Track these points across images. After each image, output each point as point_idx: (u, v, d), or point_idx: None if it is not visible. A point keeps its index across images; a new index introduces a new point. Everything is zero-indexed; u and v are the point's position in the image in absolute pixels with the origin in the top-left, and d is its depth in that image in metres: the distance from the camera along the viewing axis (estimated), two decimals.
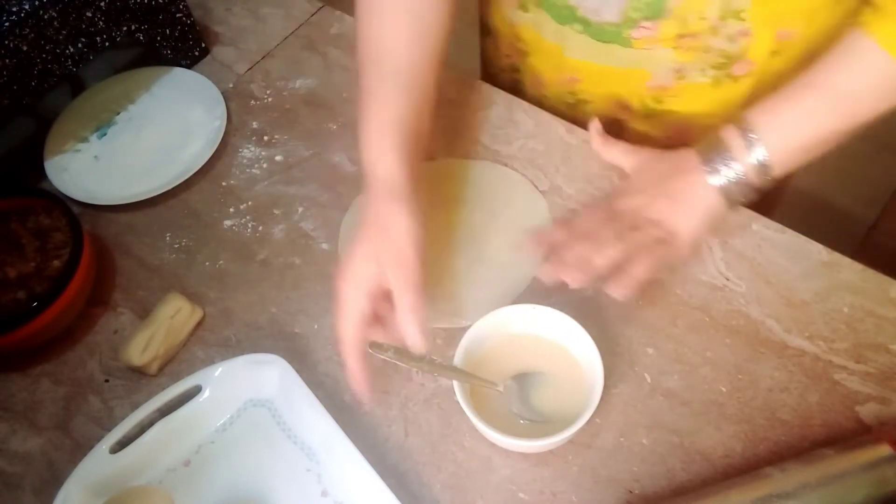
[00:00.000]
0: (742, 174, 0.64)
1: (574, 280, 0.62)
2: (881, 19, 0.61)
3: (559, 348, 0.65)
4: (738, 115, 0.65)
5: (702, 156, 0.66)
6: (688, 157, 0.67)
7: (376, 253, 0.59)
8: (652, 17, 0.71)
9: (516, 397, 0.63)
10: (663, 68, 0.76)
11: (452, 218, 0.77)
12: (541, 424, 0.61)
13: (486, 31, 0.92)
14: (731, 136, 0.65)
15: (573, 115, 0.86)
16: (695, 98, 0.78)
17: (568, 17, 0.76)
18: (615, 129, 0.84)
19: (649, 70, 0.77)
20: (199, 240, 0.79)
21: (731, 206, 0.66)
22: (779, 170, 0.64)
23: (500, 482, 0.62)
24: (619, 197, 0.69)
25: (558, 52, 0.80)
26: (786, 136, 0.64)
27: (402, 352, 0.60)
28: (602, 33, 0.75)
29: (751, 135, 0.63)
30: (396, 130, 0.64)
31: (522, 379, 0.64)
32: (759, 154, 0.63)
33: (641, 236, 0.64)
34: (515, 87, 0.92)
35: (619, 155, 0.74)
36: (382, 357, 0.60)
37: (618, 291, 0.62)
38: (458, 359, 0.62)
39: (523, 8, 0.80)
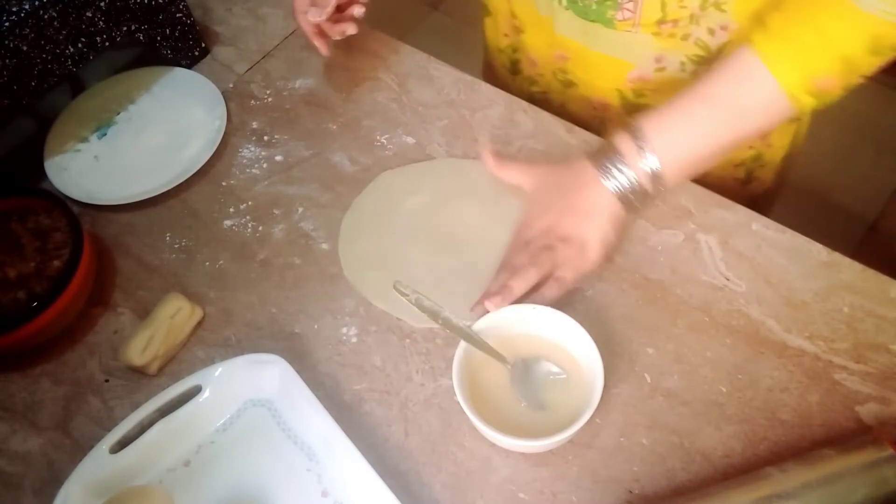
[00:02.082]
0: (636, 182, 0.65)
1: (494, 305, 0.65)
2: (769, 41, 0.61)
3: (559, 348, 0.65)
4: (629, 121, 0.66)
5: (596, 164, 0.67)
6: (583, 167, 0.68)
7: None
8: None
9: (521, 378, 0.63)
10: (644, 56, 0.78)
11: (452, 218, 0.77)
12: (540, 422, 0.61)
13: (485, 12, 0.95)
14: (623, 143, 0.66)
15: (564, 98, 0.88)
16: (673, 93, 0.79)
17: None
18: (595, 125, 0.86)
19: (631, 59, 0.78)
20: (199, 240, 0.79)
21: (632, 210, 0.68)
22: (669, 180, 0.65)
23: (500, 482, 0.62)
24: (527, 222, 0.70)
25: (549, 26, 0.82)
26: (675, 146, 0.65)
27: (421, 300, 0.65)
28: (586, 11, 0.77)
29: (641, 142, 0.64)
30: None
31: (530, 363, 0.64)
32: (650, 163, 0.64)
33: (553, 255, 0.67)
34: (515, 68, 0.94)
35: (516, 174, 0.74)
36: (404, 299, 0.65)
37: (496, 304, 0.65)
38: (457, 359, 0.62)
39: None
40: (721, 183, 0.80)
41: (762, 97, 0.63)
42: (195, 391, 0.64)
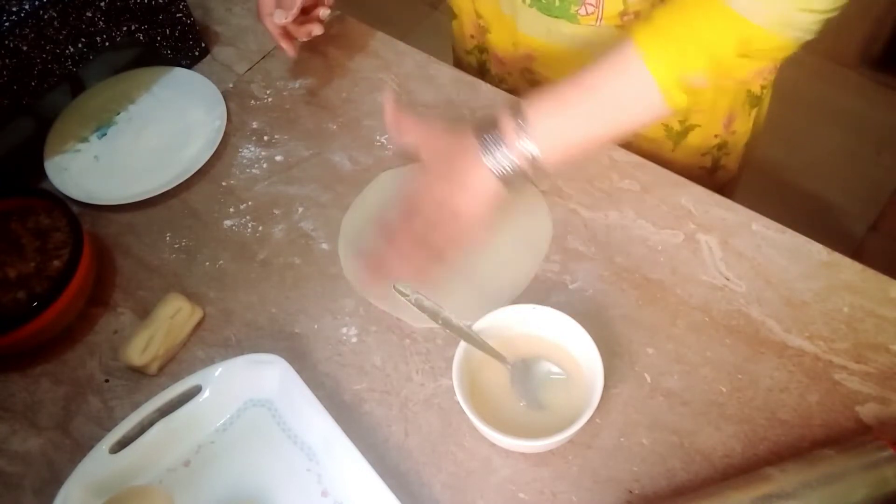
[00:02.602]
0: (516, 164, 0.64)
1: (382, 284, 0.67)
2: (648, 35, 0.60)
3: (559, 348, 0.65)
4: (517, 101, 0.65)
5: (479, 139, 0.65)
6: (467, 138, 0.65)
7: None
8: None
9: (521, 378, 0.63)
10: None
11: None
12: (540, 422, 0.61)
13: (452, 15, 0.96)
14: (505, 122, 0.64)
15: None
16: None
17: None
18: None
19: (594, 53, 0.78)
20: (199, 240, 0.79)
21: (511, 189, 0.66)
22: (548, 166, 0.64)
23: (500, 482, 0.62)
24: (419, 187, 0.68)
25: (513, 25, 0.83)
26: (554, 134, 0.63)
27: (421, 300, 0.64)
28: (550, 8, 0.77)
29: (522, 129, 0.63)
30: None
31: (530, 363, 0.64)
32: (528, 146, 0.63)
33: (434, 237, 0.65)
34: (482, 69, 0.96)
35: (410, 132, 0.70)
36: (404, 300, 0.64)
37: (409, 279, 0.66)
38: (457, 359, 0.62)
39: None
40: (689, 173, 0.80)
41: (638, 91, 0.62)
42: (195, 391, 0.64)
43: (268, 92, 0.90)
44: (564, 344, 0.65)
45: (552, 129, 0.63)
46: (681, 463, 0.62)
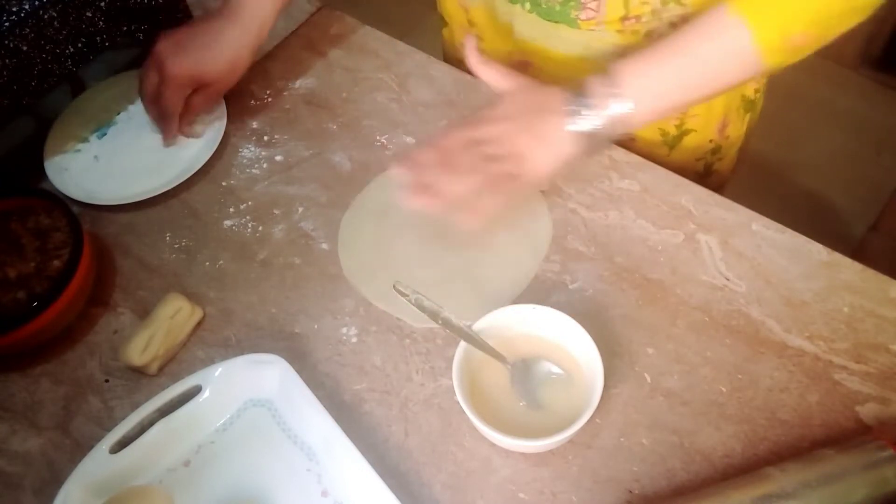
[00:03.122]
0: (600, 126, 0.64)
1: (426, 205, 0.64)
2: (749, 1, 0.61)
3: (559, 348, 0.65)
4: (605, 66, 0.65)
5: (566, 99, 0.65)
6: (554, 97, 0.66)
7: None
8: None
9: (521, 378, 0.63)
10: (608, 53, 0.78)
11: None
12: (540, 422, 0.61)
13: (443, 22, 0.96)
14: (594, 85, 0.64)
15: None
16: None
17: None
18: None
19: (595, 58, 0.79)
20: (199, 240, 0.79)
21: (588, 153, 0.66)
22: (637, 123, 0.65)
23: (500, 482, 0.62)
24: (484, 119, 0.68)
25: (508, 31, 0.82)
26: (647, 92, 0.64)
27: (421, 300, 0.64)
28: (551, 13, 0.77)
29: (615, 90, 0.63)
30: None
31: (530, 363, 0.64)
32: (621, 106, 0.63)
33: (495, 168, 0.65)
34: (475, 76, 0.93)
35: (495, 76, 0.71)
36: (404, 299, 0.64)
37: (465, 222, 0.65)
38: (457, 359, 0.62)
39: None
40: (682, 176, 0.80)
41: (735, 50, 0.62)
42: (195, 391, 0.64)
43: (268, 92, 0.90)
44: (564, 344, 0.65)
45: (644, 87, 0.64)
46: (681, 463, 0.62)
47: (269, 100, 0.90)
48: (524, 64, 0.85)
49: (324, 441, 0.62)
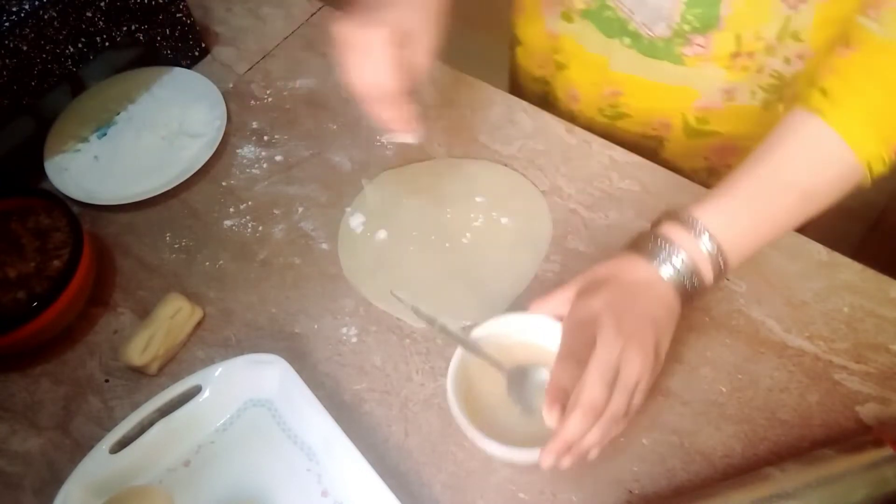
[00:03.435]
0: (691, 264, 0.56)
1: (566, 464, 0.54)
2: (838, 109, 0.55)
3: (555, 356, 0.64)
4: (670, 212, 0.58)
5: (644, 254, 0.57)
6: (633, 263, 0.57)
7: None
8: (703, 31, 0.69)
9: (518, 386, 0.63)
10: (713, 88, 0.74)
11: (452, 217, 0.77)
12: (535, 427, 0.59)
13: (516, 41, 0.91)
14: (667, 225, 0.57)
15: (610, 128, 0.84)
16: (742, 120, 0.77)
17: (617, 30, 0.74)
18: (653, 146, 0.83)
19: (698, 89, 0.75)
20: (199, 240, 0.79)
21: (687, 300, 0.58)
22: (731, 260, 0.57)
23: (500, 482, 0.62)
24: (599, 346, 0.54)
25: (603, 65, 0.78)
26: (732, 227, 0.57)
27: (418, 307, 0.64)
28: (653, 49, 0.73)
29: (690, 220, 0.56)
30: None
31: (527, 370, 0.64)
32: (705, 242, 0.56)
33: (639, 400, 0.55)
34: (545, 100, 0.90)
35: (558, 304, 0.62)
36: (401, 305, 0.64)
37: (566, 463, 0.54)
38: (452, 367, 0.61)
39: (567, 19, 0.79)
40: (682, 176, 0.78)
41: (836, 171, 0.56)
42: (195, 391, 0.64)
43: (268, 92, 0.90)
44: None
45: (729, 223, 0.56)
46: (681, 463, 0.62)
47: (269, 100, 0.90)
48: (614, 94, 0.81)
49: (324, 441, 0.62)
